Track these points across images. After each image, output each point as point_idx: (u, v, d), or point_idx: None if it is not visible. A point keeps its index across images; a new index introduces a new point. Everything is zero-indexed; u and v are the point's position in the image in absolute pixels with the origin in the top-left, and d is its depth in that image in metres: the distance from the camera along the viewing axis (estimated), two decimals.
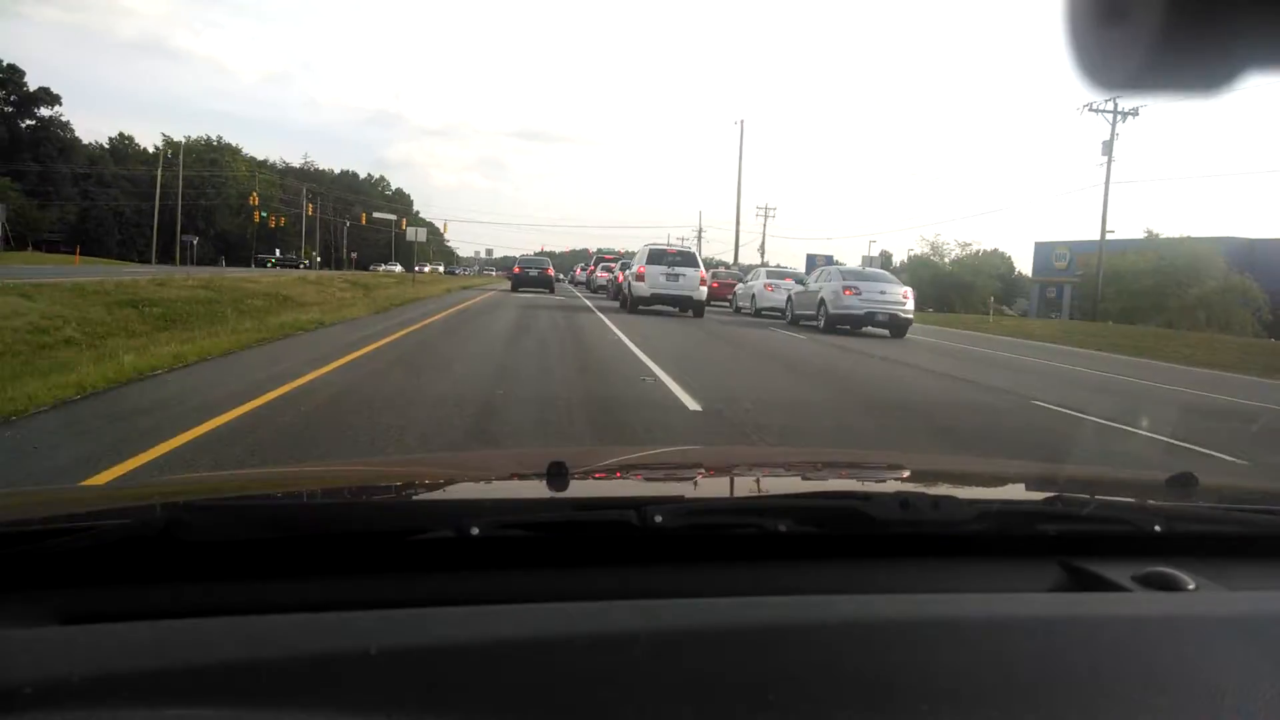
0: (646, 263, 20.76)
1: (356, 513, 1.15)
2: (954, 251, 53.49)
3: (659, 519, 0.95)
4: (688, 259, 21.42)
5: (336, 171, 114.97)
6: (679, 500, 1.17)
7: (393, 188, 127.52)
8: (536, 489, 1.25)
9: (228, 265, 63.28)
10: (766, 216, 62.96)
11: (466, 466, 1.87)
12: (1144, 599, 0.93)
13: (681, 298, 20.45)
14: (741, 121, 47.33)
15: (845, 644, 0.77)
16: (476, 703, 0.66)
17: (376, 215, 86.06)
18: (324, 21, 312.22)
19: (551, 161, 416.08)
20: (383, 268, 77.57)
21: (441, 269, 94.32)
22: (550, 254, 63.05)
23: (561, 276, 57.04)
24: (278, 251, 78.19)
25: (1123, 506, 1.28)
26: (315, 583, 0.89)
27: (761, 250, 55.75)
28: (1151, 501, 1.33)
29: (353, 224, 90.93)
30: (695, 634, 0.76)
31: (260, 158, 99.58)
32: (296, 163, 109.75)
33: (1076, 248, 42.82)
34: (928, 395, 9.26)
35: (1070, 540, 1.07)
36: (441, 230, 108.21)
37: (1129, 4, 0.45)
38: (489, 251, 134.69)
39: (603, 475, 1.56)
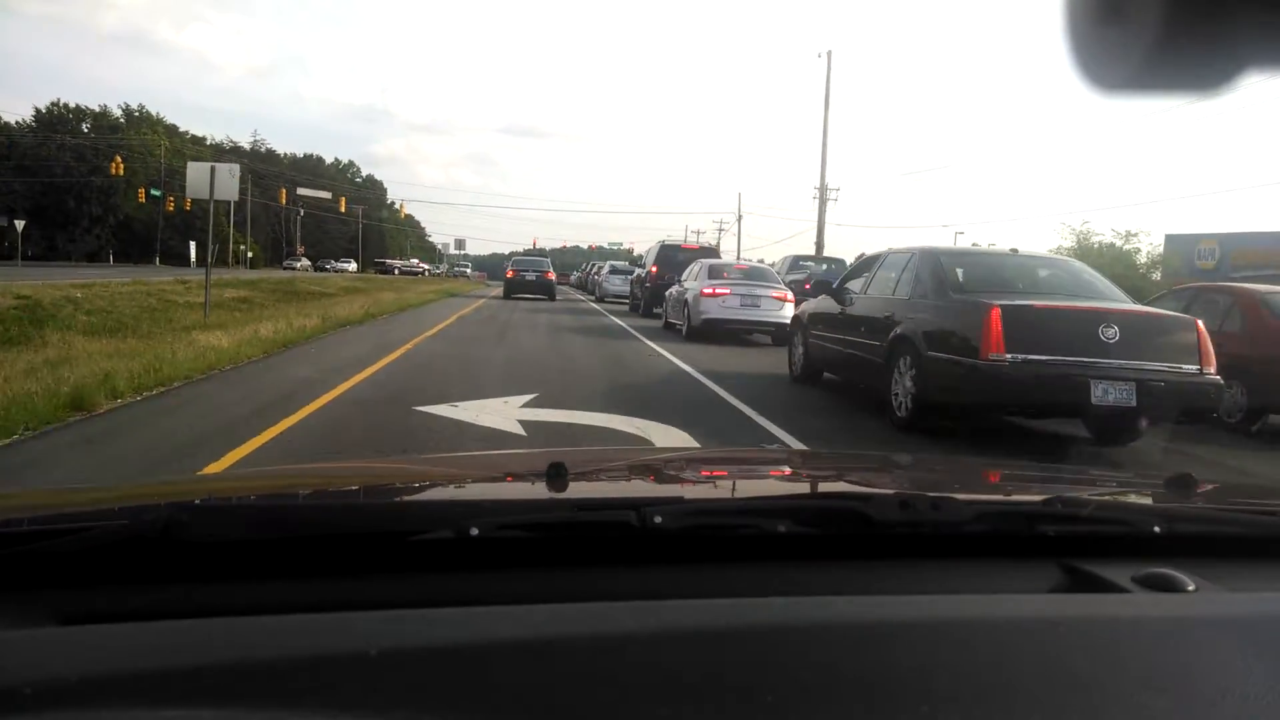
0: None
1: (356, 513, 1.15)
2: (1112, 242, 35.42)
3: (658, 520, 0.95)
4: None
5: (300, 155, 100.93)
6: (678, 501, 1.18)
7: (363, 174, 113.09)
8: (536, 490, 1.25)
9: (133, 263, 49.93)
10: (824, 200, 37.96)
11: (466, 467, 1.87)
12: (1144, 600, 0.93)
13: None
14: (829, 53, 32.19)
15: (845, 645, 0.77)
16: (476, 704, 0.65)
17: (302, 192, 71.13)
18: (311, 16, 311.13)
19: (542, 157, 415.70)
20: (340, 265, 68.16)
21: (416, 265, 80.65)
22: (542, 252, 59.85)
23: (568, 276, 52.00)
24: (197, 246, 58.34)
25: (1122, 507, 1.28)
26: (315, 583, 0.89)
27: (819, 243, 34.70)
28: (1151, 502, 1.33)
29: (308, 214, 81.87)
30: (695, 635, 0.76)
31: (200, 135, 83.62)
32: (245, 143, 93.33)
33: (1228, 242, 25.38)
34: None
35: (1070, 541, 1.07)
36: (399, 210, 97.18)
37: (1128, 4, 0.45)
38: (460, 243, 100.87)
39: (602, 476, 1.56)
